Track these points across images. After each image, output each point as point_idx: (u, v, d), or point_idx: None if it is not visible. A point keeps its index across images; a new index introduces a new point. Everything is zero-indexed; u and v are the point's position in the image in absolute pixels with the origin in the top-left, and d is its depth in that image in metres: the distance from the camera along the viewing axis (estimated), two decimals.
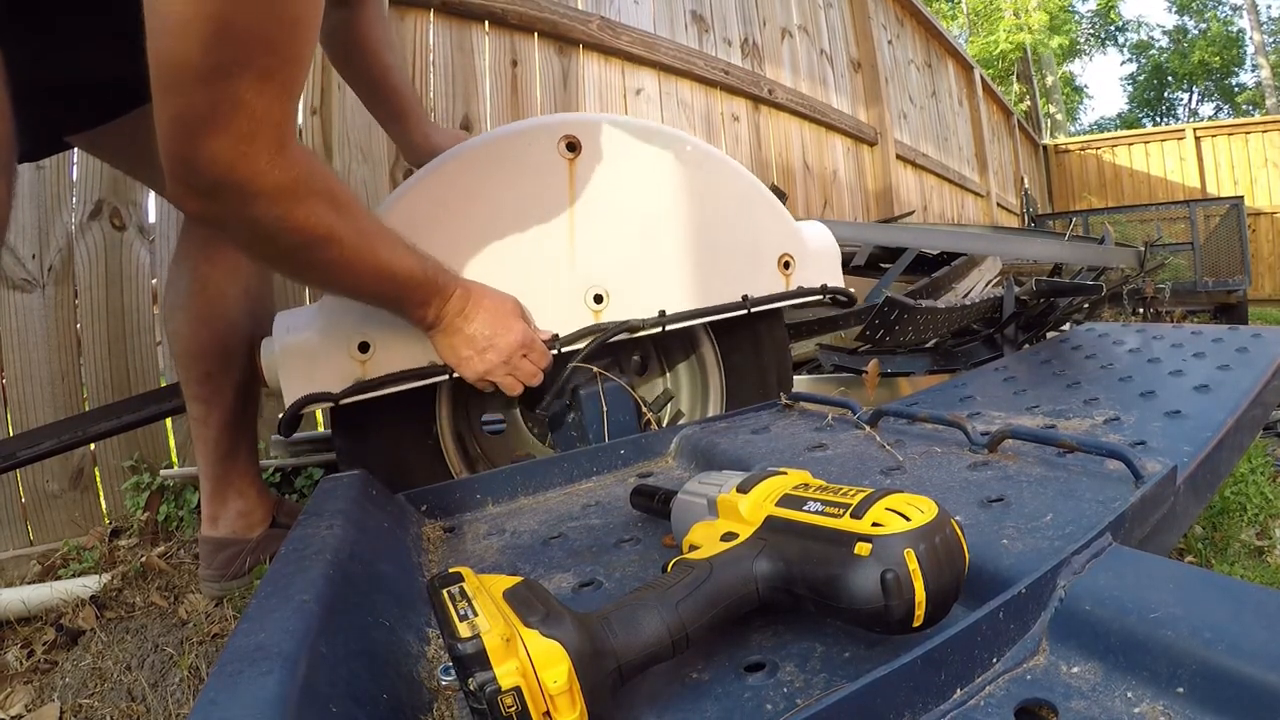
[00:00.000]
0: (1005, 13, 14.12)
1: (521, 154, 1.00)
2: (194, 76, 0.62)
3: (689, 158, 1.07)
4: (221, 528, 1.13)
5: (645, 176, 1.04)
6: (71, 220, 1.50)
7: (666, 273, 1.06)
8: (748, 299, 1.09)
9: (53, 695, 1.02)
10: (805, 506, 0.46)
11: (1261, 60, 15.29)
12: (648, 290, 1.05)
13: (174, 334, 1.09)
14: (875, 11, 4.39)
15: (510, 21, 2.21)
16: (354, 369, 0.94)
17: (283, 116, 0.68)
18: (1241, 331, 1.28)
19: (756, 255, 1.11)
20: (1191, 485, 0.68)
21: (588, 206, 1.02)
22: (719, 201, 1.08)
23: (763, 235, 1.11)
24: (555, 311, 1.01)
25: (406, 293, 0.86)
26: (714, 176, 1.08)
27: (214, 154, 0.65)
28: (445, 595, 0.41)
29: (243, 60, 0.63)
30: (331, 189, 0.76)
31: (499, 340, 0.91)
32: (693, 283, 1.07)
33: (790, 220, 1.14)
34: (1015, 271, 2.43)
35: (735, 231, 1.09)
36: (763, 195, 1.12)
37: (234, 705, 0.36)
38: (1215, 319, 4.62)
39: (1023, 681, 0.39)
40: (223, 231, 0.77)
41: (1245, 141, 8.22)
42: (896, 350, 1.82)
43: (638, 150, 1.04)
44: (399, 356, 0.95)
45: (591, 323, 1.02)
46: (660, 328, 1.04)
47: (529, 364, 0.94)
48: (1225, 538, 1.15)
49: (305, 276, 0.90)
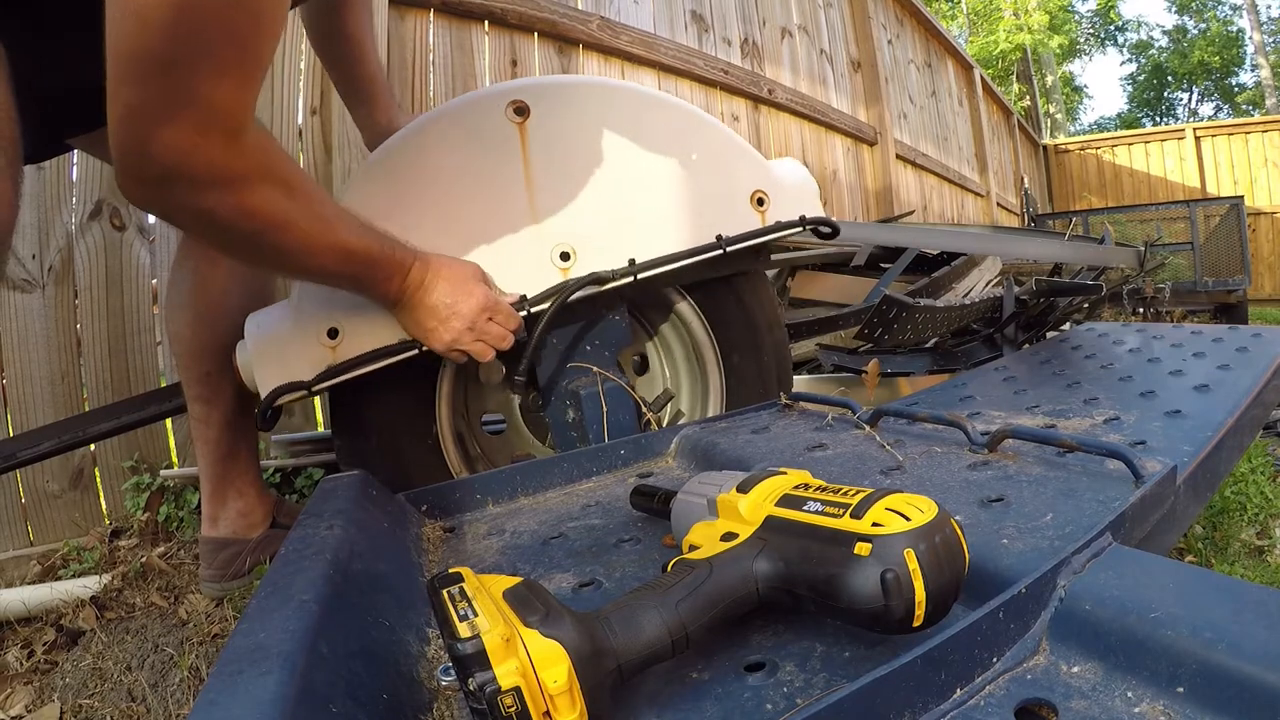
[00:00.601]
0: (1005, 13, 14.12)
1: (472, 124, 1.00)
2: (151, 68, 0.61)
3: (643, 107, 1.06)
4: (221, 528, 1.13)
5: (600, 131, 1.04)
6: (71, 220, 1.50)
7: (634, 223, 1.05)
8: (722, 238, 1.07)
9: (53, 696, 1.02)
10: (805, 506, 0.46)
11: (1261, 60, 15.29)
12: (616, 242, 1.04)
13: (175, 335, 1.09)
14: (875, 11, 4.39)
15: (510, 21, 2.21)
16: (325, 355, 0.95)
17: (239, 107, 0.67)
18: (1241, 331, 1.28)
19: (728, 195, 1.09)
20: (1191, 485, 0.68)
21: (544, 167, 1.02)
22: (681, 146, 1.07)
23: (732, 175, 1.09)
24: (523, 273, 1.01)
25: (365, 271, 0.86)
26: (672, 123, 1.07)
27: (167, 145, 0.65)
28: (445, 595, 0.41)
29: (201, 52, 0.62)
30: (286, 175, 0.76)
31: (461, 306, 0.91)
32: (663, 229, 1.05)
33: (760, 158, 1.13)
34: (1015, 271, 2.44)
35: (702, 174, 1.07)
36: (727, 136, 1.10)
37: (234, 705, 0.36)
38: (1215, 319, 4.62)
39: (1023, 681, 0.39)
40: (169, 220, 0.76)
41: (1245, 141, 8.22)
42: (896, 350, 1.82)
43: (589, 106, 1.04)
44: (368, 338, 0.96)
45: (560, 280, 1.02)
46: (631, 276, 1.03)
47: (496, 327, 0.94)
48: (1225, 537, 1.15)
49: (261, 262, 0.90)
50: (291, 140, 1.77)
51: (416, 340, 0.94)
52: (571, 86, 1.06)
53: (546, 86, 1.03)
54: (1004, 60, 13.55)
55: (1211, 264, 4.92)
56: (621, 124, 1.05)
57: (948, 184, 5.48)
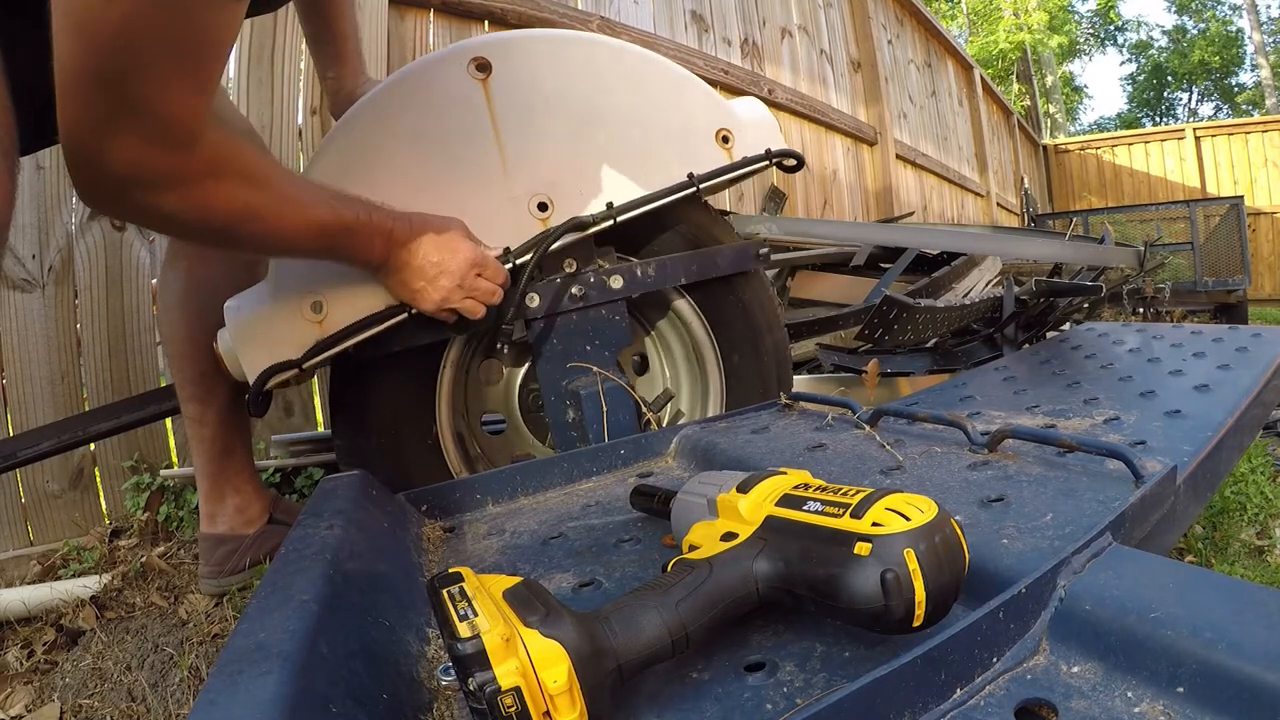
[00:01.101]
0: (1005, 12, 14.12)
1: (436, 83, 1.00)
2: (95, 82, 0.60)
3: (601, 54, 1.07)
4: (219, 525, 1.14)
5: (562, 80, 1.05)
6: (71, 220, 1.50)
7: (606, 169, 1.06)
8: (694, 176, 1.08)
9: (53, 695, 1.02)
10: (805, 506, 0.46)
11: (1261, 60, 15.29)
12: (590, 188, 1.05)
13: (169, 336, 1.09)
14: (875, 11, 4.39)
15: (510, 21, 2.21)
16: (312, 331, 0.94)
17: (189, 115, 0.66)
18: (1241, 331, 1.28)
19: (693, 135, 1.11)
20: (1191, 485, 0.68)
21: (512, 120, 1.02)
22: (644, 91, 1.08)
23: (695, 115, 1.11)
24: (501, 227, 1.01)
25: (346, 241, 0.85)
26: (633, 68, 1.08)
27: (116, 158, 0.64)
28: (445, 595, 0.41)
29: (145, 64, 0.61)
30: (247, 166, 0.75)
31: (448, 264, 0.90)
32: (634, 173, 1.07)
33: (719, 97, 1.15)
34: (1015, 271, 2.43)
35: (666, 116, 1.09)
36: (685, 78, 1.12)
37: (234, 705, 0.36)
38: (1215, 318, 4.62)
39: (1023, 681, 0.39)
40: (134, 223, 0.76)
41: (1245, 141, 8.22)
42: (896, 350, 1.82)
43: (548, 57, 1.05)
44: (353, 307, 0.95)
45: (540, 231, 1.02)
46: (611, 220, 1.03)
47: (485, 282, 0.94)
48: (1225, 537, 1.15)
49: (240, 249, 0.90)
50: (291, 140, 1.77)
51: (405, 304, 0.94)
52: (529, 39, 1.07)
53: (506, 41, 1.03)
54: (1004, 60, 13.54)
55: (1211, 264, 4.92)
56: (582, 72, 1.05)
57: (948, 184, 5.48)
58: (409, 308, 0.94)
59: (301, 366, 0.93)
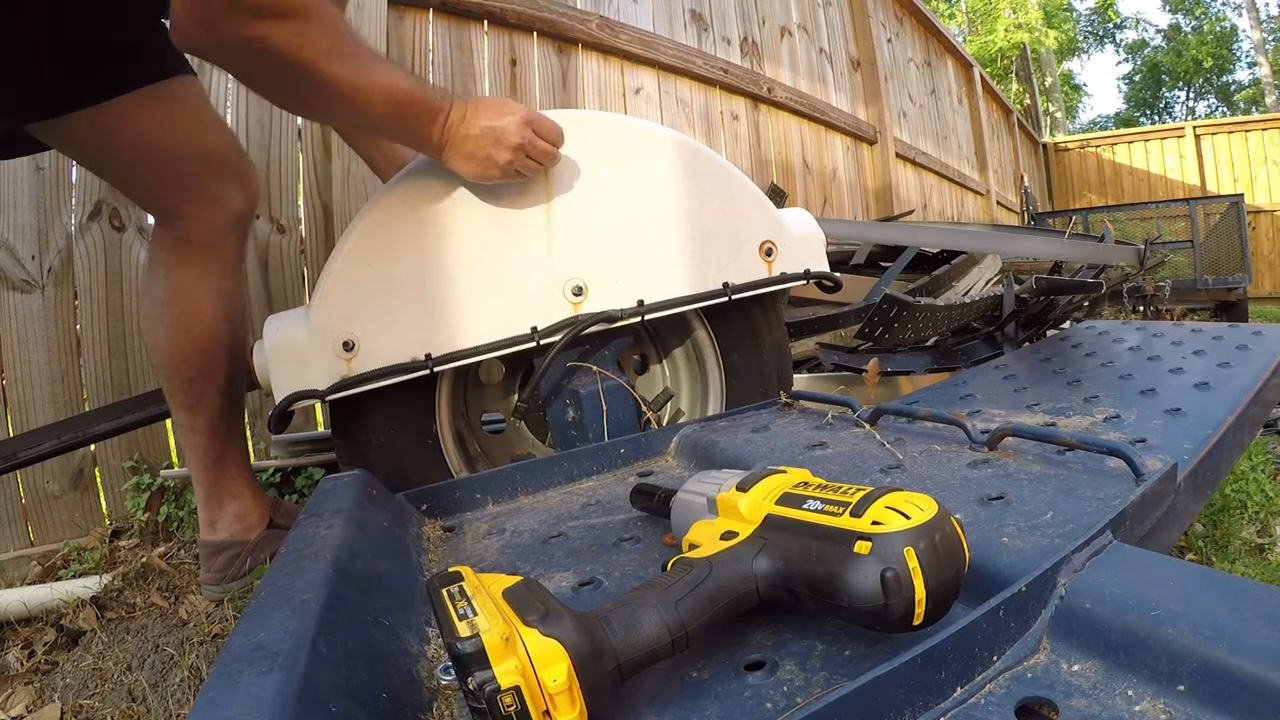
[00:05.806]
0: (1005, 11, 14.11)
1: None
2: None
3: (665, 150, 1.07)
4: (219, 531, 1.13)
5: (622, 170, 1.05)
6: (71, 221, 1.50)
7: (646, 263, 1.07)
8: (729, 286, 1.09)
9: (53, 696, 1.02)
10: (805, 505, 0.46)
11: (1261, 58, 15.26)
12: (627, 281, 1.06)
13: (153, 344, 1.08)
14: (874, 10, 4.38)
15: (509, 21, 2.21)
16: (340, 366, 0.97)
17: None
18: (1241, 329, 1.28)
19: (737, 243, 1.11)
20: (1192, 483, 0.68)
21: (564, 201, 1.03)
22: (697, 191, 1.09)
23: (743, 223, 1.12)
24: (534, 305, 1.02)
25: (412, 110, 0.89)
26: (691, 167, 1.09)
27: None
28: (445, 594, 0.41)
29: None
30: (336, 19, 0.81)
31: (506, 123, 0.93)
32: (672, 272, 1.08)
33: (771, 207, 1.15)
34: (1015, 269, 2.43)
35: (715, 220, 1.10)
36: (741, 183, 1.12)
37: (234, 705, 0.36)
38: (1215, 316, 4.62)
39: (1023, 679, 0.39)
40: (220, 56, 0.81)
41: (1245, 139, 8.21)
42: (896, 348, 1.82)
43: (614, 144, 1.06)
44: (382, 354, 0.97)
45: (570, 314, 1.03)
46: (639, 317, 1.05)
47: (542, 142, 0.96)
48: (1226, 535, 1.15)
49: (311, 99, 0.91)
50: (291, 140, 1.77)
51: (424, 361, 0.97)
52: (598, 121, 1.07)
53: (573, 119, 1.03)
54: (1003, 59, 13.53)
55: (1211, 262, 4.92)
56: (644, 164, 1.06)
57: (947, 182, 5.48)
58: (430, 365, 0.97)
59: (324, 398, 0.96)
